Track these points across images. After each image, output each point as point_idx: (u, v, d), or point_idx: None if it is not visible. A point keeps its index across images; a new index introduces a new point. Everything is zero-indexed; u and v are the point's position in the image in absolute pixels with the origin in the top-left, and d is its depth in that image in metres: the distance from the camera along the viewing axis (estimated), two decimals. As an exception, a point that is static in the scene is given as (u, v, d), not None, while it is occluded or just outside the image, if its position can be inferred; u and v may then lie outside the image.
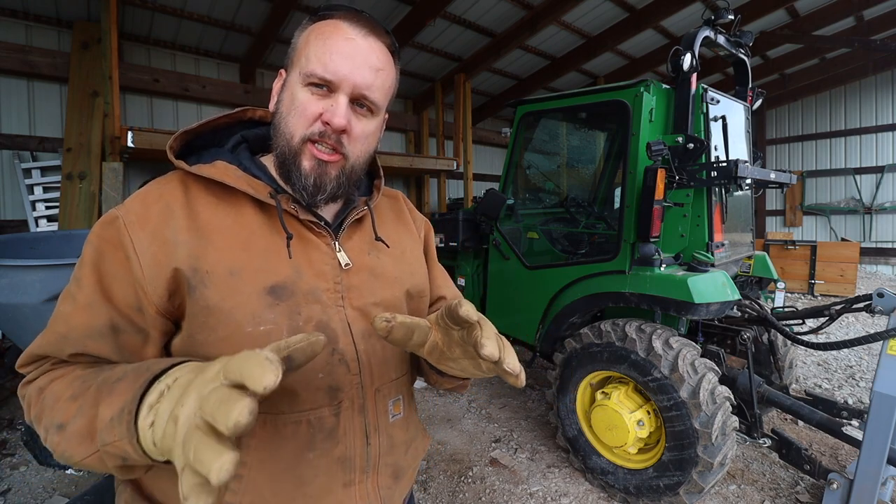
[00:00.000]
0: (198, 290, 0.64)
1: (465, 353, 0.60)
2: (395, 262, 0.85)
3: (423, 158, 7.16)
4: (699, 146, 2.45)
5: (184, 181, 0.71)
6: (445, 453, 2.96)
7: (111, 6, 4.01)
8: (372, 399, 0.75)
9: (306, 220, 0.73)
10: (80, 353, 0.64)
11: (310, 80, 0.68)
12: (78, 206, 4.35)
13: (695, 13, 6.26)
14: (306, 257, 0.73)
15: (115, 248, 0.65)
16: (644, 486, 2.34)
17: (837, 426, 2.33)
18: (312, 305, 0.70)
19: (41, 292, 2.14)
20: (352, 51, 0.69)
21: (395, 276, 0.83)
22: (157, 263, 0.64)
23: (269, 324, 0.67)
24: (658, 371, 2.25)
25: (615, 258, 2.64)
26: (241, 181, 0.70)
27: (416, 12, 5.51)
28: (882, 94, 9.26)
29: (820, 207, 10.05)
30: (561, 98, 3.10)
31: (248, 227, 0.70)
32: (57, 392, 0.59)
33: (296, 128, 0.70)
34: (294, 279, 0.70)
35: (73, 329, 0.63)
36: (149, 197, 0.68)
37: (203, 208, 0.69)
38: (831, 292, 7.33)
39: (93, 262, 0.65)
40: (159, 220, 0.66)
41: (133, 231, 0.64)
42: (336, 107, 0.68)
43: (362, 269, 0.78)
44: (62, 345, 0.64)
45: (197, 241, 0.66)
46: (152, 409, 0.47)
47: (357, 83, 0.69)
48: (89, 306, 0.63)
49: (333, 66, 0.67)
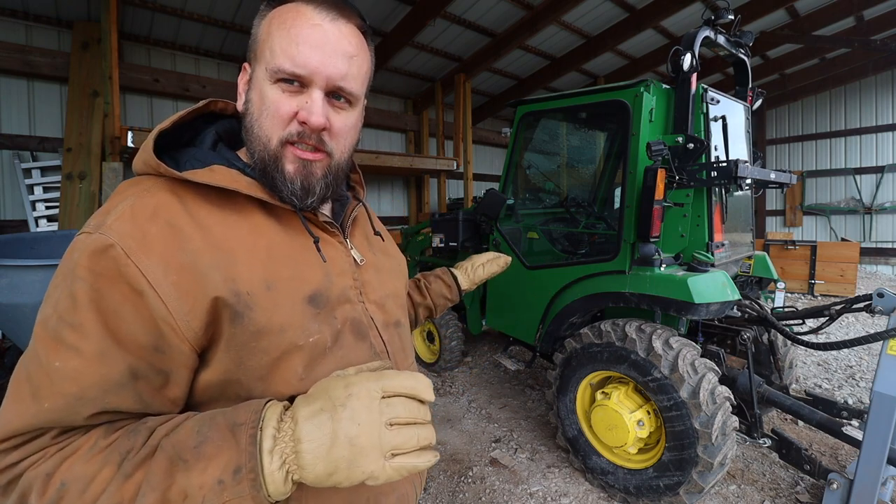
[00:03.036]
0: (245, 315, 0.59)
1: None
2: (388, 256, 0.89)
3: (423, 158, 7.16)
4: (699, 146, 2.45)
5: (173, 190, 0.61)
6: (445, 453, 2.96)
7: (111, 6, 4.02)
8: None
9: (324, 221, 0.72)
10: (99, 413, 0.54)
11: (278, 76, 0.62)
12: (78, 206, 4.35)
13: (695, 13, 6.26)
14: (330, 258, 0.72)
15: (115, 283, 0.54)
16: (644, 486, 2.34)
17: (837, 426, 2.33)
18: (344, 306, 0.71)
19: (41, 292, 2.13)
20: (320, 39, 0.62)
21: (391, 268, 0.87)
22: (184, 294, 0.56)
23: (316, 333, 0.65)
24: (658, 371, 2.24)
25: (615, 258, 2.64)
26: (254, 187, 0.65)
27: (416, 12, 5.50)
28: (882, 94, 9.26)
29: (820, 207, 10.05)
30: (561, 98, 3.10)
31: (265, 236, 0.65)
32: (83, 473, 0.50)
33: (271, 130, 0.64)
34: (327, 284, 0.69)
35: (89, 387, 0.52)
36: (140, 215, 0.58)
37: (210, 220, 0.61)
38: (831, 292, 7.32)
39: (92, 302, 0.53)
40: (166, 242, 0.57)
41: (138, 259, 0.54)
42: (311, 104, 0.63)
43: (370, 265, 0.80)
44: (77, 407, 0.52)
45: (224, 261, 0.59)
46: (272, 453, 0.49)
47: (331, 75, 0.63)
48: (102, 355, 0.53)
49: (302, 58, 0.61)
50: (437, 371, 4.25)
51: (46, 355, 0.52)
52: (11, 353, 3.61)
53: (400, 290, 0.87)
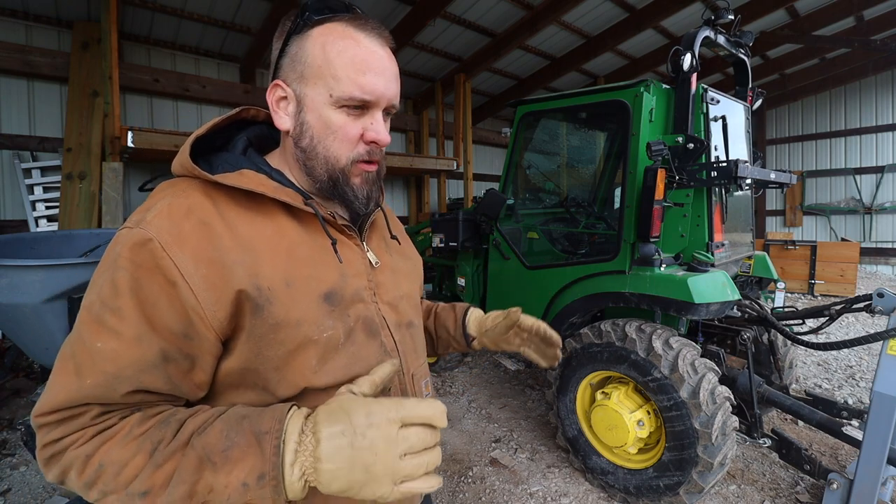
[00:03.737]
0: (265, 308, 0.64)
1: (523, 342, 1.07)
2: (404, 258, 0.92)
3: (423, 158, 7.16)
4: (699, 146, 2.45)
5: (206, 192, 0.67)
6: (445, 453, 2.96)
7: (111, 6, 4.02)
8: (410, 382, 0.82)
9: (342, 224, 0.76)
10: (135, 391, 0.60)
11: (345, 102, 0.68)
12: (78, 206, 4.35)
13: (695, 13, 6.26)
14: (347, 259, 0.76)
15: (152, 273, 0.59)
16: (644, 486, 2.34)
17: (837, 426, 2.33)
18: (357, 305, 0.74)
19: (41, 292, 2.14)
20: (380, 66, 0.69)
21: (408, 269, 0.91)
22: (212, 287, 0.61)
23: (330, 329, 0.70)
24: (658, 371, 2.24)
25: (615, 258, 2.64)
26: (279, 191, 0.69)
27: (416, 12, 5.51)
28: (882, 94, 9.26)
29: (820, 207, 10.05)
30: (561, 98, 3.10)
31: (287, 236, 0.70)
32: (119, 458, 0.56)
33: (340, 152, 0.71)
34: (341, 283, 0.73)
35: (126, 366, 0.58)
36: (176, 213, 0.63)
37: (239, 222, 0.67)
38: (831, 292, 7.32)
39: (132, 291, 0.59)
40: (198, 239, 0.62)
41: (173, 253, 0.60)
42: (377, 124, 0.71)
43: (386, 267, 0.83)
44: (115, 385, 0.58)
45: (250, 259, 0.65)
46: (294, 465, 0.54)
47: (390, 98, 0.71)
48: (138, 339, 0.59)
49: (370, 86, 0.68)
50: (437, 371, 4.25)
51: (89, 336, 0.58)
52: (11, 353, 3.61)
53: (414, 292, 0.91)
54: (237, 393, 0.68)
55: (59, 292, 2.13)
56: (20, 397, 3.48)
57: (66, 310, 2.16)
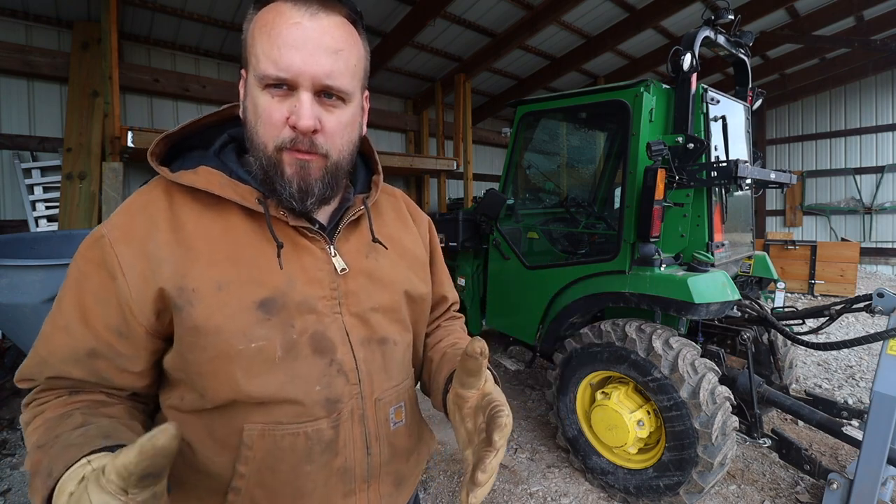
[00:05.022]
0: (184, 309, 0.61)
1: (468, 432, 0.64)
2: (393, 265, 0.80)
3: (423, 158, 7.15)
4: (699, 146, 2.45)
5: (168, 189, 0.67)
6: (445, 453, 2.96)
7: (111, 6, 4.01)
8: (372, 408, 0.73)
9: (297, 225, 0.69)
10: (57, 377, 0.62)
11: (265, 81, 0.62)
12: (78, 206, 4.35)
13: (695, 13, 6.25)
14: (299, 265, 0.68)
15: (98, 269, 0.62)
16: (644, 486, 2.34)
17: (837, 426, 2.33)
18: (306, 316, 0.67)
19: (41, 292, 2.14)
20: (300, 38, 0.60)
21: (393, 278, 0.79)
22: (144, 281, 0.61)
23: (261, 340, 0.64)
24: (658, 371, 2.24)
25: (615, 258, 2.64)
26: (227, 188, 0.66)
27: (416, 12, 5.50)
28: (882, 94, 9.26)
29: (820, 207, 10.05)
30: (561, 98, 3.10)
31: (235, 237, 0.66)
32: (30, 436, 0.59)
33: (266, 137, 0.64)
34: (285, 290, 0.66)
35: (52, 353, 0.62)
36: (132, 208, 0.65)
37: (188, 218, 0.65)
38: (831, 292, 7.32)
39: (75, 284, 0.63)
40: (144, 233, 0.63)
41: (118, 248, 0.62)
42: (299, 107, 0.61)
43: (360, 274, 0.74)
44: (41, 368, 0.63)
45: (182, 257, 0.63)
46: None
47: (315, 74, 0.61)
48: (66, 329, 0.62)
49: (284, 61, 0.60)
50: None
51: (46, 321, 0.64)
52: (11, 353, 3.61)
53: (398, 304, 0.79)
54: (183, 389, 0.67)
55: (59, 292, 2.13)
56: (20, 397, 3.48)
57: (66, 310, 2.15)
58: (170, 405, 0.69)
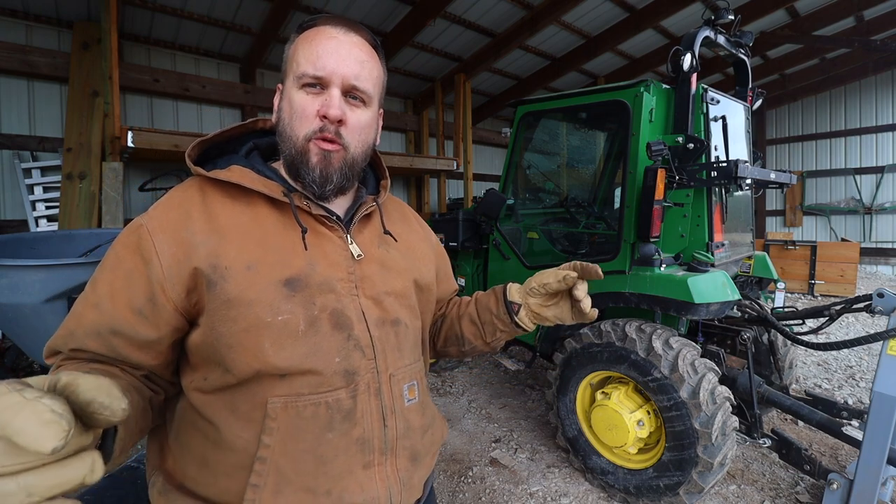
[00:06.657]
0: (218, 285, 0.69)
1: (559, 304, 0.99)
2: (403, 255, 0.90)
3: (423, 158, 7.15)
4: (699, 146, 2.45)
5: (201, 187, 0.77)
6: (445, 453, 2.96)
7: (111, 6, 4.01)
8: (387, 383, 0.79)
9: (318, 214, 0.78)
10: (79, 349, 0.68)
11: (303, 80, 0.74)
12: (78, 206, 4.35)
13: (695, 13, 6.25)
14: (320, 249, 0.77)
15: (133, 253, 0.69)
16: (644, 486, 2.34)
17: (837, 426, 2.33)
18: (327, 295, 0.75)
19: (41, 292, 2.14)
20: (336, 47, 0.75)
21: (403, 267, 0.88)
22: (176, 263, 0.69)
23: (287, 314, 0.71)
24: (658, 371, 2.24)
25: (615, 258, 2.64)
26: (257, 182, 0.75)
27: (416, 12, 5.50)
28: (882, 94, 9.26)
29: (820, 207, 10.05)
30: (561, 98, 3.10)
31: (263, 225, 0.75)
32: None
33: (299, 129, 0.75)
34: (308, 271, 0.74)
35: (80, 325, 0.68)
36: (170, 203, 0.74)
37: (221, 210, 0.74)
38: (831, 292, 7.32)
39: (111, 266, 0.70)
40: (178, 223, 0.71)
41: (155, 236, 0.69)
42: (330, 99, 0.74)
43: (373, 261, 0.83)
44: (67, 340, 0.69)
45: (215, 241, 0.71)
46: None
47: (346, 74, 0.75)
48: (97, 306, 0.68)
49: (321, 62, 0.73)
50: (437, 371, 4.25)
51: (78, 300, 0.71)
52: (11, 353, 3.61)
53: (408, 290, 0.88)
54: (207, 369, 0.73)
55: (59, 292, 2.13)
56: (20, 397, 3.47)
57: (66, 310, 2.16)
58: (194, 387, 0.74)
